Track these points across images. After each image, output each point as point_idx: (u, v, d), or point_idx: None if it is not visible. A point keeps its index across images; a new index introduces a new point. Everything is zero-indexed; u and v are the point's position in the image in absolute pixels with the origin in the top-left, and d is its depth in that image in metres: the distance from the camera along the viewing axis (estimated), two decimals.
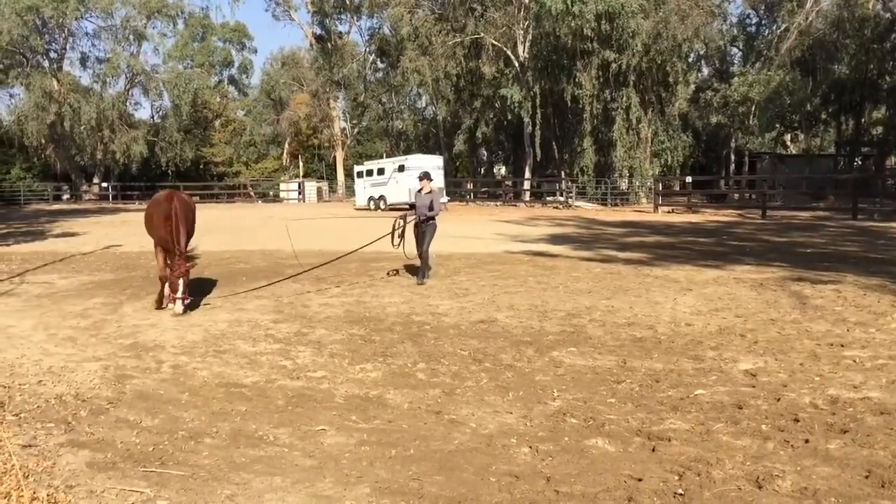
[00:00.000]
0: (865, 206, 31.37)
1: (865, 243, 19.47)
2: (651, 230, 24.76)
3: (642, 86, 40.32)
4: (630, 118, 39.55)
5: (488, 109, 47.39)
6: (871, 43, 43.86)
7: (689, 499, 4.21)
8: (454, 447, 5.16)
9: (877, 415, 5.68)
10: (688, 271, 14.17)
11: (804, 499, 4.20)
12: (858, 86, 44.34)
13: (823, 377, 6.81)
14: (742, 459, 4.82)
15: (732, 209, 36.24)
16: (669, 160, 41.33)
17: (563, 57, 40.27)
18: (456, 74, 46.81)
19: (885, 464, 4.67)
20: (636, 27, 37.48)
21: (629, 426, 5.58)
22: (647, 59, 38.96)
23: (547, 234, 23.15)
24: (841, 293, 11.32)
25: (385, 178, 40.51)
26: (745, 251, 17.83)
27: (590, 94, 39.68)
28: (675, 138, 41.45)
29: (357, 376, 7.10)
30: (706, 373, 7.09)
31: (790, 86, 42.38)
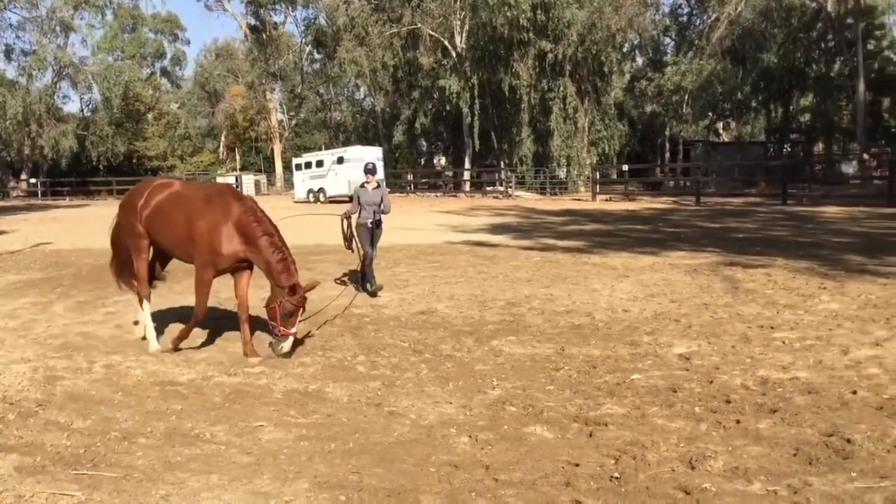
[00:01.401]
0: (795, 192, 32.30)
1: (795, 228, 20.05)
2: (589, 218, 25.09)
3: (578, 76, 40.76)
4: (567, 108, 39.97)
5: (427, 100, 47.37)
6: (798, 32, 45.17)
7: (624, 482, 4.27)
8: (394, 439, 5.15)
9: (805, 394, 5.86)
10: (625, 258, 14.39)
11: (735, 478, 4.30)
12: (786, 74, 45.64)
13: (754, 359, 6.99)
14: (676, 441, 4.91)
15: (668, 196, 36.94)
16: (606, 149, 41.92)
17: (500, 47, 40.46)
18: (394, 65, 46.66)
19: (812, 441, 4.81)
20: (571, 17, 37.85)
21: (567, 412, 5.64)
22: (582, 49, 39.39)
23: (487, 223, 23.27)
24: (771, 277, 11.63)
25: (324, 171, 40.20)
26: (679, 237, 18.20)
27: (527, 84, 39.97)
28: (611, 127, 42.05)
29: (296, 371, 7.02)
30: (642, 357, 7.21)
31: (721, 74, 43.37)
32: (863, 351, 7.13)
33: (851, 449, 4.65)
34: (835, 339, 7.63)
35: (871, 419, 5.20)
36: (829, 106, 47.65)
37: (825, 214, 24.31)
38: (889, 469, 4.33)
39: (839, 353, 7.07)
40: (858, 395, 5.77)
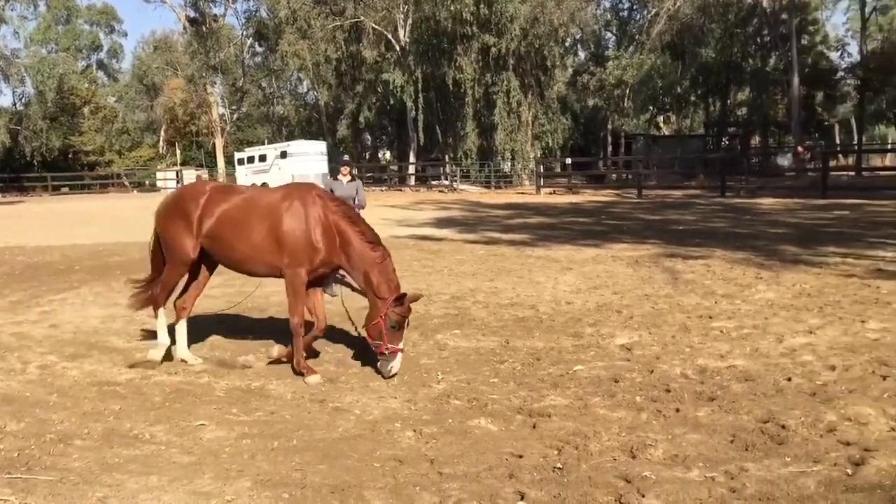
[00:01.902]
0: (732, 184, 33.02)
1: (732, 219, 20.51)
2: (534, 211, 25.28)
3: (522, 70, 41.01)
4: (511, 102, 40.19)
5: (371, 94, 47.16)
6: (735, 27, 46.14)
7: (567, 472, 4.32)
8: (338, 435, 5.12)
9: (741, 382, 6.00)
10: (568, 251, 14.54)
11: (675, 465, 4.38)
12: (724, 69, 46.60)
13: (693, 348, 7.13)
14: (618, 431, 4.98)
15: (611, 189, 37.43)
16: (550, 142, 42.29)
17: (443, 41, 40.47)
18: (337, 59, 46.33)
19: (748, 428, 4.93)
20: (514, 11, 38.04)
21: (511, 405, 5.68)
22: (525, 43, 39.64)
23: (432, 217, 23.28)
24: (710, 267, 11.88)
25: (267, 165, 39.73)
26: (622, 230, 18.46)
27: (471, 78, 40.07)
28: (554, 121, 42.42)
29: (238, 369, 6.94)
30: (585, 349, 7.30)
31: (661, 69, 44.08)
32: (797, 339, 7.33)
33: (786, 434, 4.78)
34: (770, 327, 7.83)
35: (804, 405, 5.35)
36: (765, 100, 48.82)
37: (761, 206, 24.93)
38: (821, 453, 4.46)
39: (774, 341, 7.26)
40: (793, 382, 5.93)
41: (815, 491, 3.95)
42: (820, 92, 52.19)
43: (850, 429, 4.84)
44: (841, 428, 4.85)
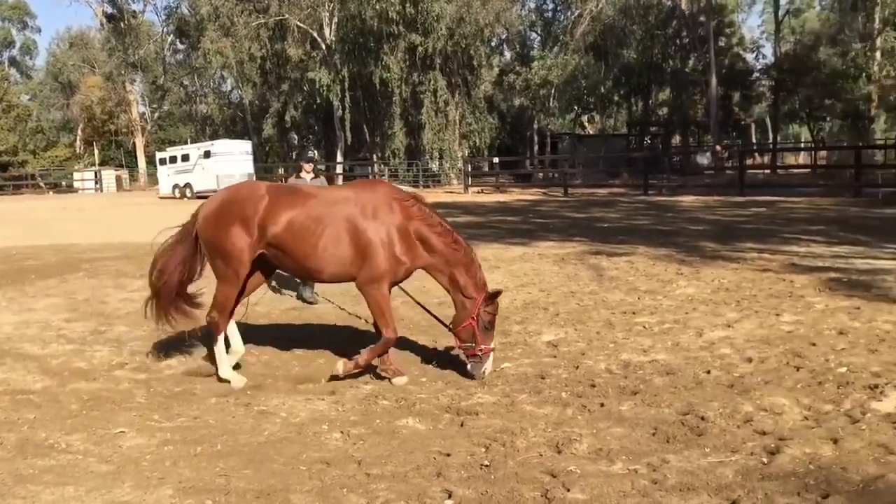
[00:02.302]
0: (655, 182, 33.80)
1: (655, 217, 20.98)
2: (462, 210, 25.38)
3: (449, 69, 41.15)
4: (438, 101, 40.28)
5: (297, 93, 46.61)
6: (656, 29, 47.24)
7: (494, 469, 4.35)
8: (264, 439, 5.05)
9: (663, 375, 6.15)
10: (496, 249, 14.63)
11: (599, 459, 4.45)
12: (645, 69, 47.65)
13: (617, 343, 7.28)
14: (544, 427, 5.04)
15: (538, 188, 37.85)
16: (477, 142, 42.55)
17: (370, 40, 40.30)
18: (261, 57, 45.66)
19: (669, 420, 5.05)
20: (440, 11, 38.13)
21: (439, 403, 5.70)
22: (452, 42, 39.77)
23: None
24: (633, 264, 12.13)
25: (190, 165, 38.84)
26: (548, 228, 18.69)
27: (398, 77, 40.01)
28: (481, 120, 42.68)
29: (161, 374, 6.77)
30: (512, 346, 7.37)
31: (585, 69, 44.82)
32: (716, 332, 7.55)
33: (705, 426, 4.91)
34: (691, 322, 8.04)
35: (722, 397, 5.51)
36: (685, 100, 50.13)
37: (683, 204, 25.57)
38: (739, 443, 4.60)
39: (695, 335, 7.46)
40: (711, 375, 6.10)
41: (732, 480, 4.07)
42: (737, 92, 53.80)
43: (765, 419, 5.00)
44: (757, 418, 5.02)
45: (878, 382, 5.61)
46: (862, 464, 4.18)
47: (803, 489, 3.90)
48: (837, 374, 5.92)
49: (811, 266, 11.11)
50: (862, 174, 27.08)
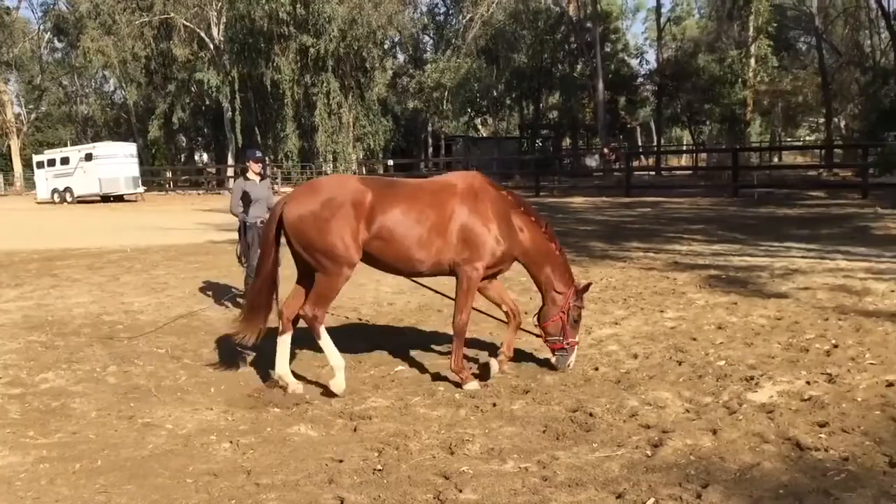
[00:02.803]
0: (546, 184, 34.52)
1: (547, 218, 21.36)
2: None
3: (341, 71, 40.84)
4: (331, 103, 39.92)
5: (184, 94, 45.25)
6: (545, 34, 48.26)
7: (387, 473, 4.33)
8: (148, 452, 4.87)
9: (553, 374, 6.27)
10: None
11: (491, 458, 4.50)
12: (536, 74, 48.56)
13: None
14: (437, 429, 5.06)
15: None
16: (372, 144, 42.39)
17: (260, 40, 39.56)
18: (146, 56, 44.16)
19: (559, 418, 5.16)
20: (332, 12, 37.80)
21: (332, 409, 5.63)
22: (344, 44, 39.48)
23: None
24: None
25: (70, 168, 37.19)
26: None
27: (290, 78, 39.43)
28: (376, 123, 42.55)
29: (37, 388, 6.42)
30: (406, 348, 7.36)
31: (477, 73, 45.27)
32: (604, 330, 7.77)
33: (593, 422, 5.04)
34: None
35: (610, 393, 5.67)
36: (574, 104, 51.34)
37: (573, 205, 26.22)
38: (625, 438, 4.74)
39: (583, 333, 7.62)
40: (599, 371, 6.27)
41: (619, 474, 4.19)
42: (623, 97, 55.50)
43: (649, 413, 5.18)
44: (642, 412, 5.18)
45: (754, 374, 5.90)
46: (739, 453, 4.38)
47: (684, 479, 4.05)
48: (716, 368, 6.19)
49: (692, 264, 11.58)
50: (739, 175, 28.41)
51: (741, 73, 45.11)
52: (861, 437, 4.55)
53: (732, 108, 46.75)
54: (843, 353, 6.40)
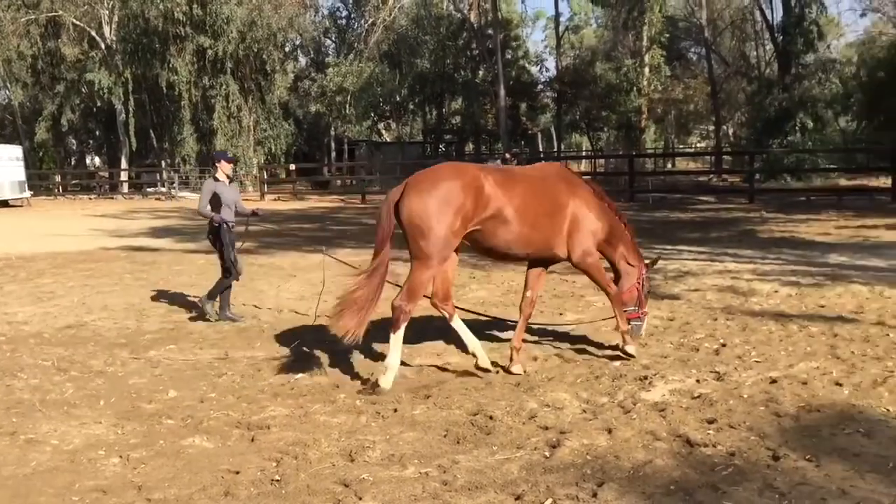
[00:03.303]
0: None
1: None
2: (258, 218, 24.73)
3: (241, 73, 40.06)
4: (230, 106, 39.10)
5: (74, 95, 43.39)
6: (447, 40, 48.54)
7: (285, 483, 4.25)
8: (31, 470, 4.62)
9: (455, 377, 6.30)
10: (293, 258, 14.42)
11: (392, 465, 4.47)
12: (438, 79, 48.78)
13: (412, 348, 7.35)
14: (337, 436, 5.00)
15: (336, 195, 37.69)
16: (273, 148, 41.73)
17: (155, 41, 38.39)
18: (32, 55, 42.16)
19: (460, 422, 5.18)
20: (230, 14, 37.06)
21: (229, 419, 5.49)
22: (243, 46, 38.74)
23: (148, 227, 21.96)
24: None
25: None
26: (346, 235, 18.65)
27: (187, 80, 38.41)
28: (277, 126, 41.91)
29: None
30: (309, 356, 7.25)
31: (380, 77, 45.15)
32: (505, 333, 7.84)
33: (493, 425, 5.08)
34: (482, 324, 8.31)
35: (510, 395, 5.74)
36: (476, 109, 51.83)
37: None
38: (524, 439, 4.79)
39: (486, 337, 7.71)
40: (500, 374, 6.33)
41: (518, 475, 4.23)
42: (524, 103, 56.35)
43: (548, 414, 5.26)
44: (541, 414, 5.26)
45: (648, 374, 6.08)
46: (633, 451, 4.50)
47: (581, 479, 4.13)
48: (612, 368, 6.35)
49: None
50: (635, 180, 29.29)
51: (636, 82, 46.54)
52: (747, 432, 4.75)
53: (628, 116, 48.16)
54: (731, 352, 6.67)
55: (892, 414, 5.02)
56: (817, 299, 8.87)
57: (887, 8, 46.81)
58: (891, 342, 6.82)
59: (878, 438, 4.60)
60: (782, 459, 4.30)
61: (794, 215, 19.49)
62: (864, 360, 6.28)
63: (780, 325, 7.60)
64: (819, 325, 7.54)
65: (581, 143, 73.81)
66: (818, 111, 34.58)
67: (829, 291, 9.29)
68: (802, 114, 33.29)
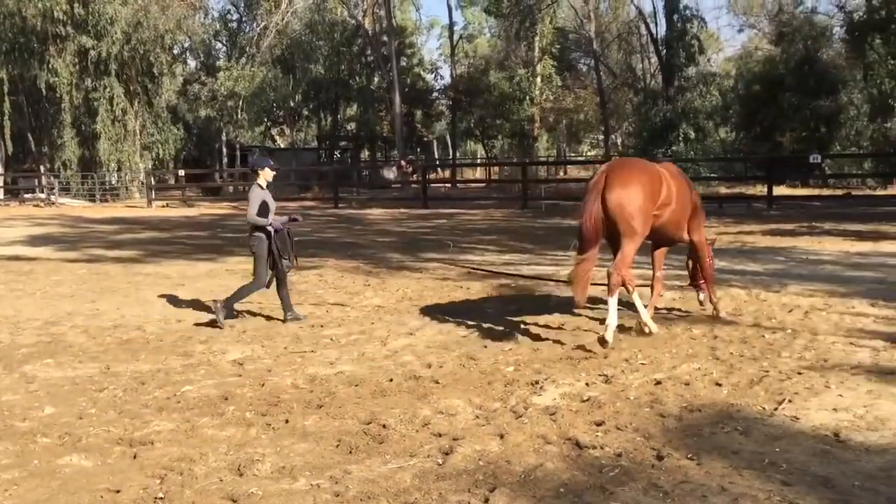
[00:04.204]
0: (345, 196, 34.51)
1: (345, 229, 21.40)
2: (144, 226, 23.93)
3: (126, 76, 38.63)
4: (115, 109, 37.61)
5: None
6: (342, 46, 48.34)
7: (169, 501, 4.09)
8: None
9: (348, 386, 6.22)
10: (181, 266, 14.00)
11: (282, 478, 4.37)
12: (333, 85, 48.47)
13: (305, 358, 7.25)
14: (226, 450, 4.85)
15: (227, 202, 36.83)
16: (161, 153, 40.44)
17: (33, 40, 36.55)
18: None
19: (353, 431, 5.12)
20: (114, 14, 35.71)
21: (110, 436, 5.24)
22: (129, 48, 37.37)
23: (24, 235, 20.85)
24: (322, 277, 12.25)
25: None
26: (238, 243, 18.21)
27: (68, 82, 36.71)
28: (165, 131, 40.65)
29: None
30: (195, 368, 7.03)
31: (273, 82, 44.49)
32: (399, 341, 7.83)
33: (386, 433, 5.05)
34: (376, 331, 8.28)
35: (404, 403, 5.71)
36: (372, 116, 51.79)
37: (371, 216, 26.38)
38: (417, 447, 4.78)
39: (379, 344, 7.68)
40: (394, 382, 6.30)
41: (410, 484, 4.21)
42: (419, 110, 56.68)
43: (441, 421, 5.26)
44: (434, 421, 5.26)
45: (539, 378, 6.18)
46: (524, 455, 4.56)
47: (473, 485, 4.14)
48: (505, 373, 6.42)
49: (485, 274, 11.98)
50: (528, 188, 29.86)
51: (529, 91, 47.49)
52: (633, 433, 4.88)
53: (521, 124, 49.08)
54: (619, 355, 6.86)
55: (767, 412, 5.26)
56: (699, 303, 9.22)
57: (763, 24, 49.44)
58: (766, 343, 7.16)
59: (755, 436, 4.81)
60: (666, 459, 4.44)
61: None
62: (742, 360, 6.58)
63: (665, 328, 7.87)
64: (701, 328, 7.86)
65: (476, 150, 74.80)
66: (700, 122, 36.19)
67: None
68: (685, 124, 34.76)
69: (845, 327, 7.71)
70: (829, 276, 10.84)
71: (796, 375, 6.05)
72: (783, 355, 6.69)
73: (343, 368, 6.79)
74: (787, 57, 36.96)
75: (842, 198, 26.69)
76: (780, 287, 10.03)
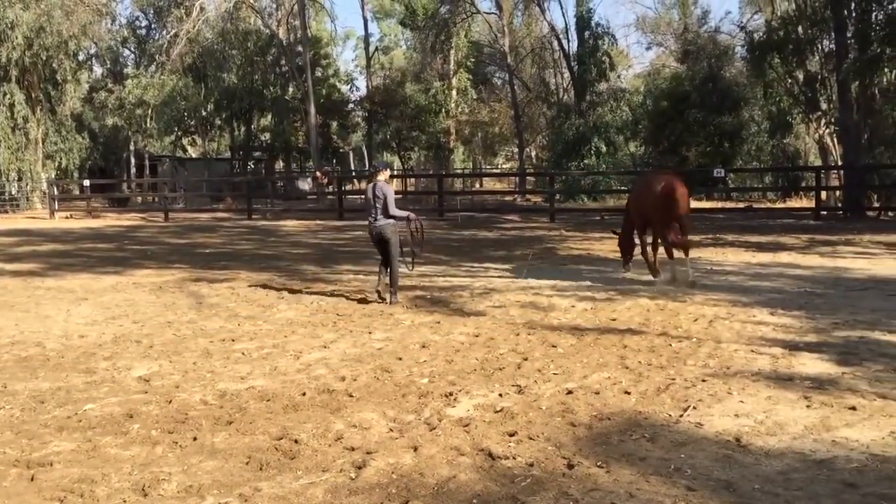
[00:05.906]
0: (259, 207, 33.98)
1: (258, 241, 21.05)
2: (46, 238, 22.99)
3: (28, 82, 37.16)
4: (15, 117, 36.13)
5: None
6: (255, 56, 47.63)
7: None
8: None
9: (259, 402, 6.10)
10: (84, 280, 13.51)
11: (189, 497, 4.25)
12: (247, 95, 47.61)
13: (215, 373, 7.08)
14: (129, 470, 4.68)
15: (136, 213, 35.80)
16: (65, 162, 39.06)
17: None
18: None
19: (263, 447, 5.01)
20: (15, 18, 34.36)
21: (6, 457, 5.00)
22: (31, 53, 35.96)
23: None
24: (235, 290, 12.00)
25: None
26: (146, 255, 17.72)
27: None
28: (69, 140, 39.30)
29: None
30: (98, 385, 6.77)
31: (184, 91, 43.49)
32: (313, 354, 7.73)
33: (298, 448, 4.96)
34: (290, 345, 8.15)
35: (316, 418, 5.63)
36: (286, 126, 51.06)
37: (286, 228, 26.03)
38: (329, 462, 4.72)
39: (293, 358, 7.56)
40: (307, 396, 6.21)
41: (322, 499, 4.16)
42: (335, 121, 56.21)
43: (355, 435, 5.21)
44: (347, 435, 5.20)
45: (453, 390, 6.19)
46: (437, 467, 4.55)
47: (386, 499, 4.12)
48: (420, 386, 6.41)
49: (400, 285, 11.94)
50: (444, 200, 30.00)
51: (444, 104, 47.74)
52: (544, 442, 4.94)
53: (437, 136, 49.26)
54: (532, 366, 6.94)
55: (673, 419, 5.41)
56: (609, 313, 9.45)
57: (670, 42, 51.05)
58: (673, 352, 7.37)
59: (661, 442, 4.93)
60: (576, 467, 4.50)
61: (590, 233, 20.71)
62: (650, 368, 6.75)
63: (576, 338, 8.01)
64: (611, 338, 8.02)
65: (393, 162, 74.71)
66: (611, 136, 37.07)
67: (619, 305, 9.93)
68: (597, 138, 35.56)
69: (747, 335, 8.01)
70: (731, 287, 11.25)
71: (701, 383, 6.25)
72: (689, 363, 6.90)
73: (255, 383, 6.66)
74: (693, 74, 38.34)
75: (744, 210, 27.75)
76: (687, 297, 10.34)
